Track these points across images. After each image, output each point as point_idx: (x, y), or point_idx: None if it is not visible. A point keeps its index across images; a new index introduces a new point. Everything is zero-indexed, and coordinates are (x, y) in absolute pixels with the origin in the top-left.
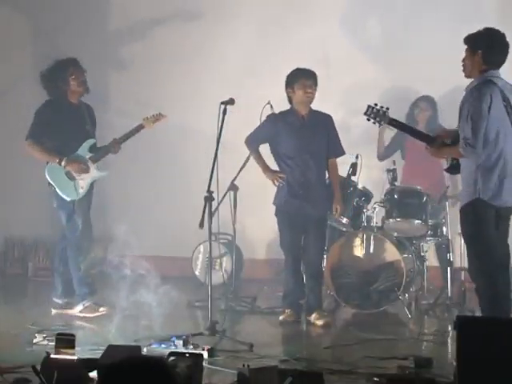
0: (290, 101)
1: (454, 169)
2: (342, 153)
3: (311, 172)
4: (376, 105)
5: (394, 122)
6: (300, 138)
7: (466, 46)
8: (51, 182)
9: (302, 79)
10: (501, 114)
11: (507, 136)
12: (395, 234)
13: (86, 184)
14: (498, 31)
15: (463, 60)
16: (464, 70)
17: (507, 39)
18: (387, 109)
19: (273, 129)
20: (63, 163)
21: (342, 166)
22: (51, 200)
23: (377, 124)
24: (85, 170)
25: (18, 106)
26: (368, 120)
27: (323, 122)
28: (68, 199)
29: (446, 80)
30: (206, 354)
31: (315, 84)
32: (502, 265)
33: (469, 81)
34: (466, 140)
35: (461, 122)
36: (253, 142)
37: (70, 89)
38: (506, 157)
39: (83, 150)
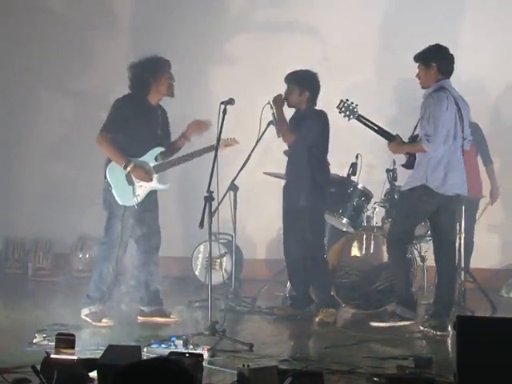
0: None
1: (409, 164)
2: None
3: (298, 165)
4: (347, 100)
5: (361, 118)
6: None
7: (417, 63)
8: (110, 181)
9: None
10: (453, 117)
11: (456, 137)
12: None
13: (143, 193)
14: (444, 46)
15: (417, 75)
16: (420, 83)
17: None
18: (356, 105)
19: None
20: (129, 168)
21: (342, 165)
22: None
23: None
24: (148, 179)
25: (18, 106)
26: (340, 113)
27: (314, 117)
28: (120, 203)
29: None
30: (206, 354)
31: (293, 87)
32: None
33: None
34: (427, 137)
35: (422, 122)
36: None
37: (157, 89)
38: (452, 154)
39: (150, 157)
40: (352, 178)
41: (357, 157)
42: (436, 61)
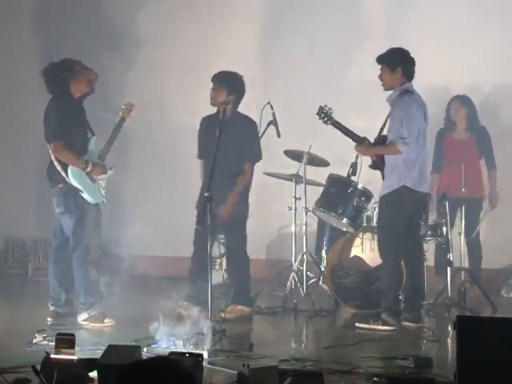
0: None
1: (376, 165)
2: (259, 157)
3: (228, 172)
4: (326, 106)
5: (336, 124)
6: (218, 139)
7: (380, 66)
8: (78, 186)
9: (212, 83)
10: (421, 117)
11: (425, 136)
12: None
13: (104, 184)
14: (406, 50)
15: (380, 76)
16: (383, 85)
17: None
18: (332, 111)
19: (201, 131)
20: (89, 168)
21: (342, 165)
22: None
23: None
24: (105, 171)
25: (18, 107)
26: (319, 119)
27: (245, 127)
28: (94, 202)
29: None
30: (205, 354)
31: (220, 87)
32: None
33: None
34: (404, 139)
35: (393, 125)
36: (199, 153)
37: (78, 86)
38: (423, 153)
39: (91, 147)
40: (352, 177)
41: (357, 157)
42: (402, 65)
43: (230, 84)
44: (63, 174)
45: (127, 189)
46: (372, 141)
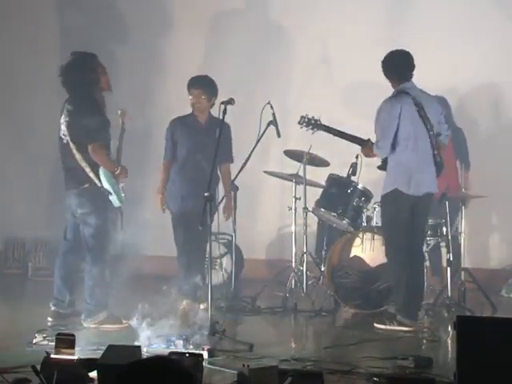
0: (192, 106)
1: (382, 166)
2: (231, 160)
3: (203, 174)
4: (307, 115)
5: (327, 128)
6: (196, 142)
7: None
8: (109, 188)
9: (192, 89)
10: (413, 118)
11: (418, 137)
12: None
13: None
14: (397, 52)
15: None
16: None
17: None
18: (318, 118)
19: (174, 133)
20: (118, 171)
21: (342, 165)
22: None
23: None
24: (127, 174)
25: (18, 107)
26: (301, 128)
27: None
28: (117, 205)
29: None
30: (205, 354)
31: (206, 92)
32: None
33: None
34: (376, 142)
35: (376, 127)
36: (165, 154)
37: (100, 85)
38: (416, 154)
39: (111, 149)
40: (352, 178)
41: (357, 157)
42: (392, 69)
43: (210, 87)
44: (91, 175)
45: (128, 189)
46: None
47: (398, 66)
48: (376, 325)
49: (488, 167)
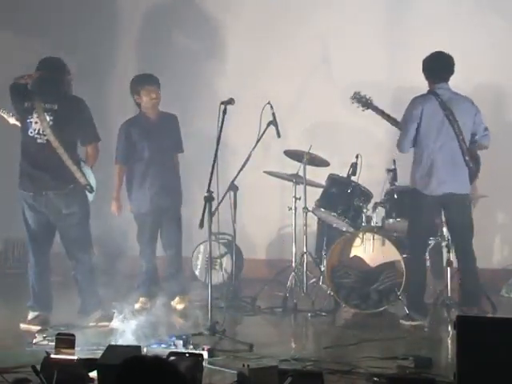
0: (139, 106)
1: None
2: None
3: (161, 168)
4: (360, 92)
5: (376, 109)
6: (153, 140)
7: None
8: (94, 185)
9: (145, 86)
10: (438, 120)
11: (440, 137)
12: (395, 234)
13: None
14: (432, 55)
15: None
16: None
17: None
18: (370, 97)
19: (129, 136)
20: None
21: (342, 165)
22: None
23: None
24: None
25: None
26: (352, 103)
27: (170, 122)
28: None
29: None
30: (205, 354)
31: (159, 88)
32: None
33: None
34: (398, 139)
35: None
36: (120, 158)
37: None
38: (438, 154)
39: None
40: (352, 178)
41: (357, 157)
42: (424, 72)
43: (158, 82)
44: (78, 174)
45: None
46: None
47: (433, 67)
48: (402, 321)
49: (488, 167)
